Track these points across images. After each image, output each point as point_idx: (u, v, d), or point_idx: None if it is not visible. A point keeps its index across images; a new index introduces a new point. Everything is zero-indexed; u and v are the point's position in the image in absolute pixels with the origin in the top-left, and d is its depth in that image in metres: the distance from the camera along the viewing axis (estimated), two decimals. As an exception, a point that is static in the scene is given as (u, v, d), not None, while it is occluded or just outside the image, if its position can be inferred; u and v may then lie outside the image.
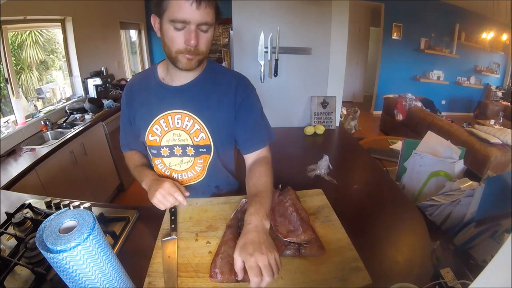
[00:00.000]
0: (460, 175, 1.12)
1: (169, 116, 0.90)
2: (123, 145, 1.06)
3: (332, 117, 1.96)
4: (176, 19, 0.71)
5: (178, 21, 0.72)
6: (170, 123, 0.90)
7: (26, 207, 0.99)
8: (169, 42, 0.77)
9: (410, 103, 4.15)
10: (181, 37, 0.74)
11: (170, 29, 0.74)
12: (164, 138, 0.92)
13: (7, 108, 2.27)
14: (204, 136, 0.91)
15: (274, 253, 0.62)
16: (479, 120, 4.45)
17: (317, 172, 1.24)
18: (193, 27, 0.73)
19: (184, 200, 0.82)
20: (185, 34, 0.74)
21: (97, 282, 0.51)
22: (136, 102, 0.93)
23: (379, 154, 1.74)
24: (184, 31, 0.74)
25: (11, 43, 2.33)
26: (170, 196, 0.80)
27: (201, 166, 0.97)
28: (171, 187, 0.81)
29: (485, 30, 5.19)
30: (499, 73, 5.68)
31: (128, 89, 0.97)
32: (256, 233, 0.65)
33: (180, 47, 0.76)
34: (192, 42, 0.74)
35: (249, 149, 0.94)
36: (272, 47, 1.81)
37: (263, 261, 0.59)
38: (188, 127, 0.90)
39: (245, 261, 0.60)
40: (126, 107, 0.96)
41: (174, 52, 0.77)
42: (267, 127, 0.98)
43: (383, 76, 5.54)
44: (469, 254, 0.81)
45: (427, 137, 1.25)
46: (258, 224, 0.67)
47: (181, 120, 0.90)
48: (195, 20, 0.72)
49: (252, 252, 0.60)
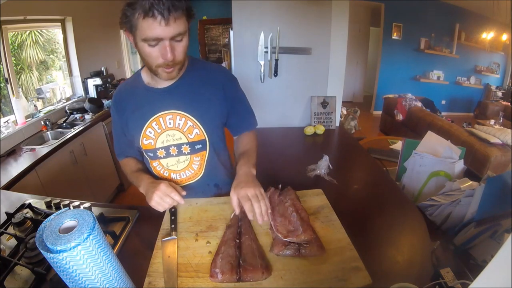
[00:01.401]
0: (460, 175, 1.12)
1: (161, 118, 0.90)
2: (118, 154, 1.07)
3: (332, 117, 1.96)
4: (148, 38, 0.71)
5: (151, 40, 0.72)
6: (163, 125, 0.91)
7: (26, 207, 0.99)
8: (146, 58, 0.77)
9: (410, 103, 4.15)
10: (156, 52, 0.75)
11: (144, 46, 0.74)
12: (158, 140, 0.92)
13: (7, 108, 2.27)
14: (198, 132, 0.92)
15: (260, 189, 0.79)
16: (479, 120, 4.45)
17: (317, 172, 1.24)
18: (167, 42, 0.73)
19: (181, 199, 0.82)
20: (160, 49, 0.74)
21: (97, 282, 0.51)
22: (127, 110, 0.93)
23: (379, 154, 1.74)
24: (158, 46, 0.74)
25: (11, 43, 2.33)
26: (167, 197, 0.80)
27: (198, 164, 0.98)
28: (166, 187, 0.81)
29: (485, 30, 5.19)
30: (499, 73, 5.67)
31: (117, 98, 0.97)
32: (245, 176, 0.83)
33: (158, 62, 0.77)
34: (169, 56, 0.74)
35: (239, 131, 1.04)
36: (272, 47, 1.81)
37: (250, 192, 0.76)
38: (181, 125, 0.91)
39: (238, 194, 0.77)
40: (117, 115, 0.96)
41: (154, 66, 0.78)
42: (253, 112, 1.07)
43: (383, 76, 5.54)
44: (469, 254, 0.81)
45: (427, 137, 1.25)
46: (247, 171, 0.85)
47: (172, 120, 0.90)
48: (167, 35, 0.71)
49: (243, 186, 0.78)
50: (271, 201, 0.90)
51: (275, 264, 0.70)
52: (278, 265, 0.70)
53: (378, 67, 5.54)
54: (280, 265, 0.70)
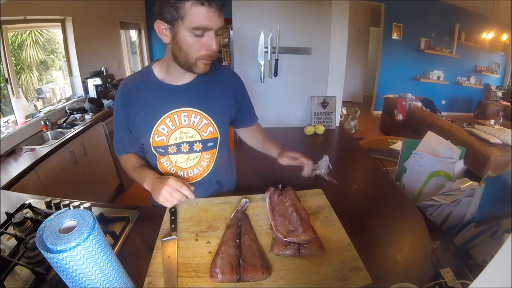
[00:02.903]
0: (460, 175, 1.12)
1: (175, 115, 0.90)
2: (118, 150, 1.02)
3: (332, 117, 1.96)
4: (200, 27, 0.72)
5: (202, 29, 0.73)
6: (177, 122, 0.91)
7: (26, 207, 0.99)
8: (188, 49, 0.77)
9: (410, 103, 4.15)
10: (200, 43, 0.76)
11: (189, 36, 0.74)
12: (171, 136, 0.92)
13: (7, 108, 2.27)
14: (212, 130, 0.94)
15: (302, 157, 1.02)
16: (479, 120, 4.45)
17: (317, 172, 1.24)
18: (213, 33, 0.75)
19: (191, 194, 0.79)
20: (206, 40, 0.75)
21: (97, 282, 0.51)
22: (135, 105, 0.90)
23: (379, 154, 1.74)
24: (204, 37, 0.75)
25: (11, 43, 2.33)
26: (176, 192, 0.77)
27: (207, 161, 0.99)
28: (176, 182, 0.78)
29: (485, 30, 5.19)
30: (499, 73, 5.68)
31: (124, 92, 0.92)
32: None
33: (202, 53, 0.78)
34: (214, 47, 0.76)
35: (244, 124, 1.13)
36: (272, 47, 1.81)
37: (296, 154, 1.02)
38: (196, 123, 0.92)
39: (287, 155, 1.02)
40: (123, 110, 0.92)
41: (194, 58, 0.78)
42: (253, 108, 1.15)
43: (383, 76, 5.54)
44: (469, 254, 0.81)
45: (427, 137, 1.25)
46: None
47: (187, 117, 0.91)
48: (216, 26, 0.74)
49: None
50: (271, 201, 0.90)
51: (275, 264, 0.70)
52: (278, 265, 0.70)
53: (378, 67, 5.54)
54: (280, 265, 0.70)
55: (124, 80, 0.96)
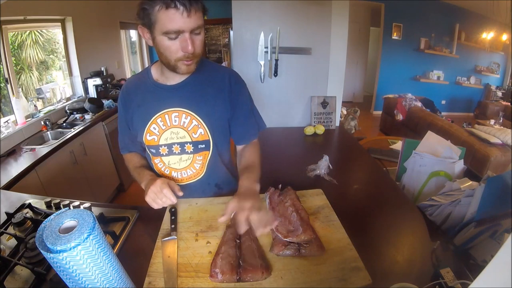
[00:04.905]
0: (460, 175, 1.12)
1: (166, 115, 0.90)
2: (122, 148, 1.06)
3: (332, 117, 1.96)
4: (170, 31, 0.71)
5: (172, 32, 0.72)
6: (168, 122, 0.91)
7: (26, 207, 0.99)
8: (165, 52, 0.77)
9: (410, 103, 4.15)
10: (176, 46, 0.75)
11: (164, 40, 0.74)
12: (162, 136, 0.92)
13: (7, 108, 2.27)
14: (202, 132, 0.92)
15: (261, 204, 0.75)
16: (479, 120, 4.45)
17: (317, 172, 1.24)
18: (187, 34, 0.73)
19: (175, 198, 0.80)
20: (180, 42, 0.74)
21: (97, 282, 0.51)
22: (133, 104, 0.93)
23: (379, 154, 1.74)
24: (179, 40, 0.74)
25: (11, 43, 2.32)
26: (160, 193, 0.79)
27: (200, 164, 0.97)
28: (162, 184, 0.80)
29: (485, 30, 5.19)
30: (499, 73, 5.67)
31: (124, 92, 0.97)
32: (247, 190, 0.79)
33: (178, 55, 0.77)
34: (190, 49, 0.75)
35: (241, 142, 1.03)
36: (272, 47, 1.81)
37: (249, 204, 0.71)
38: (186, 124, 0.91)
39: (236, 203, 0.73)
40: (123, 109, 0.96)
41: (173, 60, 0.78)
42: (257, 119, 1.04)
43: (383, 76, 5.54)
44: (469, 254, 0.81)
45: (427, 137, 1.25)
46: (249, 186, 0.81)
47: (178, 117, 0.90)
48: (188, 27, 0.72)
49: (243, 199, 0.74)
50: (271, 201, 0.90)
51: (275, 264, 0.70)
52: (278, 265, 0.70)
53: (378, 67, 5.54)
54: (280, 265, 0.70)
55: (125, 81, 0.99)
